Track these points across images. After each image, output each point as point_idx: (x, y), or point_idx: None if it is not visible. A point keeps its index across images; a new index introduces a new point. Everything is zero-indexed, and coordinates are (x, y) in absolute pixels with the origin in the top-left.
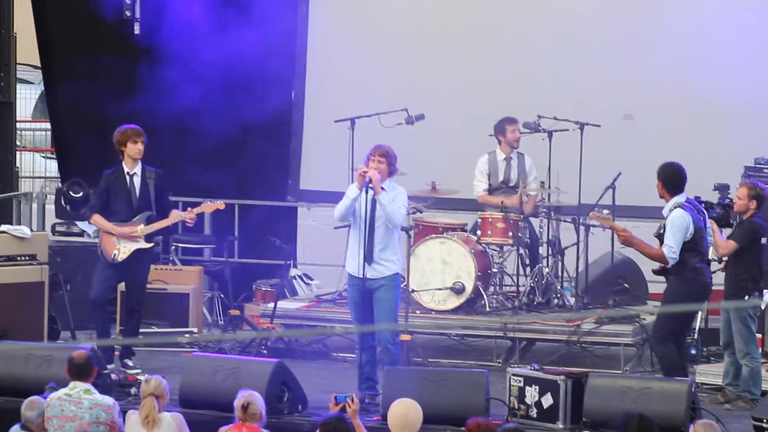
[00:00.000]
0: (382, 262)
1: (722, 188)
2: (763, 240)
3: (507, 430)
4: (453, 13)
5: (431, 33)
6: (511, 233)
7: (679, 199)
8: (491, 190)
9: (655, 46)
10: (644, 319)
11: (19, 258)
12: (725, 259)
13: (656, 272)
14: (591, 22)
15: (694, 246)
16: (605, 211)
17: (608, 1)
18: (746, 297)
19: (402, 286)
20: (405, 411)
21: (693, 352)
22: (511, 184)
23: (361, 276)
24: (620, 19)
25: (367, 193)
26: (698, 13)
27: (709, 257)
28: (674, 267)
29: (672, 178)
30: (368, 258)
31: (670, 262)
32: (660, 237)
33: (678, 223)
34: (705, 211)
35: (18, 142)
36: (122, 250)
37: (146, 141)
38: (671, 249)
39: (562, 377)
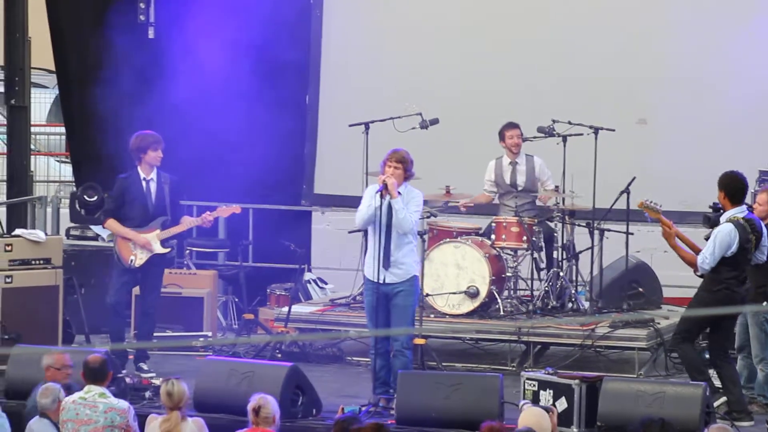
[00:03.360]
0: (400, 265)
1: None
2: None
3: None
4: (467, 18)
5: (445, 37)
6: (525, 237)
7: (738, 213)
8: (502, 195)
9: (669, 50)
10: (659, 323)
11: (33, 262)
12: None
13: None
14: (605, 26)
15: (733, 262)
16: (655, 202)
17: (622, 5)
18: (765, 303)
19: None
20: (539, 419)
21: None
22: (520, 188)
23: (378, 281)
24: (634, 24)
25: (383, 198)
26: (713, 16)
27: (746, 274)
28: (707, 275)
29: (734, 188)
30: (386, 263)
31: (700, 271)
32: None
33: (722, 237)
34: (763, 229)
35: (32, 146)
36: (139, 256)
37: (164, 147)
38: (706, 260)
39: (577, 381)
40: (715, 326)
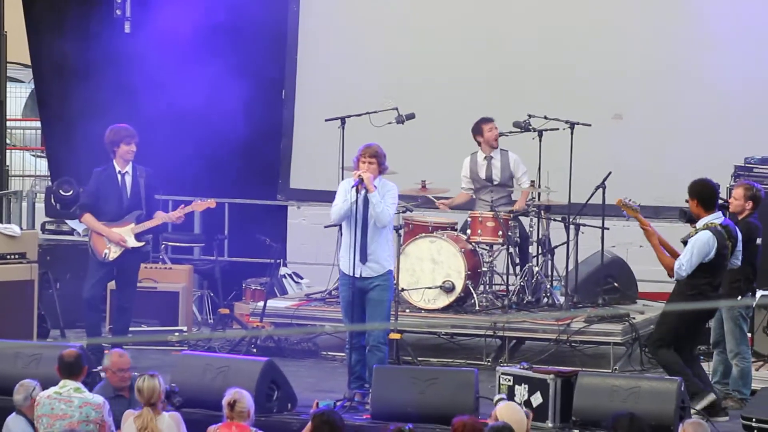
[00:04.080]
0: (376, 260)
1: None
2: (758, 240)
3: (495, 429)
4: (443, 13)
5: (421, 32)
6: (500, 232)
7: (715, 219)
8: (478, 190)
9: (645, 46)
10: (634, 318)
11: (8, 256)
12: None
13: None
14: (581, 22)
15: (710, 268)
16: (633, 200)
17: (597, 1)
18: (739, 297)
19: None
20: (515, 414)
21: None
22: (496, 182)
23: (354, 275)
24: (610, 19)
25: (358, 192)
26: (689, 12)
27: (722, 280)
28: (682, 280)
29: (706, 196)
30: (362, 257)
31: (675, 276)
32: (686, 243)
33: (701, 245)
34: (738, 235)
35: (8, 141)
36: (113, 249)
37: (138, 141)
38: (683, 266)
39: (552, 376)
40: (689, 330)
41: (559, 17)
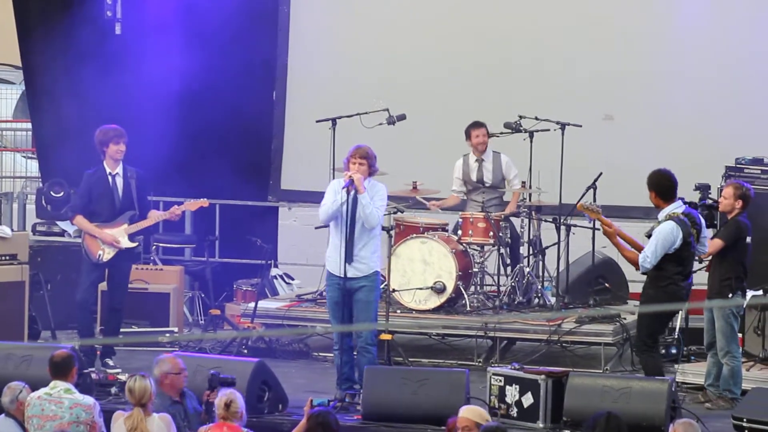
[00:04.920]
0: (363, 260)
1: (703, 188)
2: (747, 239)
3: (489, 429)
4: (434, 14)
5: (413, 33)
6: (491, 233)
7: (677, 208)
8: (470, 191)
9: (635, 46)
10: (625, 318)
11: None
12: (707, 259)
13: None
14: (571, 23)
15: (677, 258)
16: (594, 204)
17: (588, 1)
18: (730, 295)
19: (382, 286)
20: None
21: (674, 351)
22: (488, 184)
23: (341, 275)
24: (601, 19)
25: (348, 193)
26: (679, 13)
27: (692, 268)
28: (652, 272)
29: (664, 187)
30: (348, 257)
31: (641, 269)
32: (650, 237)
33: (664, 236)
34: (702, 222)
35: None
36: (107, 251)
37: (127, 142)
38: (647, 258)
39: (543, 377)
40: (665, 325)
41: (550, 19)
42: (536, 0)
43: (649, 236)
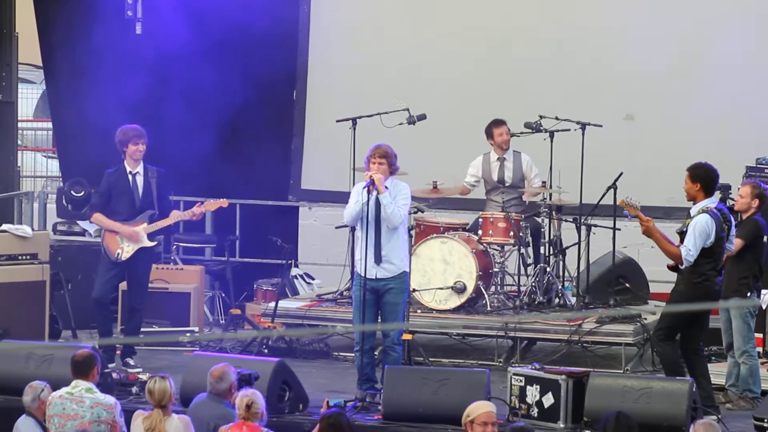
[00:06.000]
0: (392, 260)
1: (724, 188)
2: (765, 238)
3: (515, 429)
4: (455, 13)
5: (433, 32)
6: (512, 233)
7: (710, 203)
8: (489, 191)
9: (656, 46)
10: (645, 318)
11: (20, 257)
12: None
13: (670, 268)
14: (593, 22)
15: (711, 253)
16: (635, 200)
17: (610, 1)
18: (748, 294)
19: None
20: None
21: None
22: (508, 184)
23: (369, 276)
24: (622, 19)
25: (370, 193)
26: (699, 12)
27: (722, 264)
28: (686, 268)
29: (711, 180)
30: (377, 258)
31: (684, 264)
32: (682, 234)
33: (701, 228)
34: (732, 219)
35: (19, 142)
36: (126, 249)
37: (147, 142)
38: (689, 251)
39: (563, 377)
40: (694, 321)
41: (570, 18)
42: (557, 1)
43: (680, 233)
